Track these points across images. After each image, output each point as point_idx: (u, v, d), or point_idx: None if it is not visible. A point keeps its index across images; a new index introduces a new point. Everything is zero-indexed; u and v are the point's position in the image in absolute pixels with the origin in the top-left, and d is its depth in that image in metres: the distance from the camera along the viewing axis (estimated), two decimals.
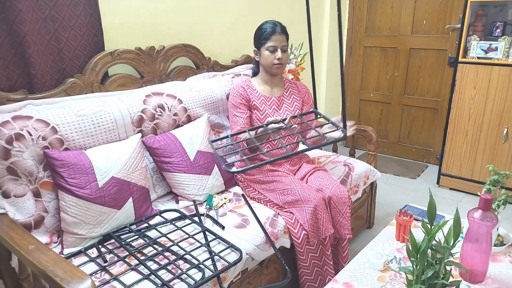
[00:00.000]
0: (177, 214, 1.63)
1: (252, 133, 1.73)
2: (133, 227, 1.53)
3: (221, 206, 1.73)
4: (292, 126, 1.71)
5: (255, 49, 1.90)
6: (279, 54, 1.82)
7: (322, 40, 3.43)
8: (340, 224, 1.73)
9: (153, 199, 1.74)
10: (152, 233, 1.50)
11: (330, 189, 1.74)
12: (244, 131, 1.72)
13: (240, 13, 2.54)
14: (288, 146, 1.89)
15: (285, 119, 1.60)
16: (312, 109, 1.89)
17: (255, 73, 2.01)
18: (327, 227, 1.66)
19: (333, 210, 1.73)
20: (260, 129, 1.72)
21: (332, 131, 1.62)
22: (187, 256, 1.35)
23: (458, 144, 2.81)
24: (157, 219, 1.60)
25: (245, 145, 1.80)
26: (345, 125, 1.50)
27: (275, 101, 1.90)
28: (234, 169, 1.93)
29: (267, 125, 1.66)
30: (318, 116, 1.78)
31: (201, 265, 1.31)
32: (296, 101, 1.95)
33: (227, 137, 1.69)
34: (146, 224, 1.55)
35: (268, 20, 1.88)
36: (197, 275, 1.27)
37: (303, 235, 1.61)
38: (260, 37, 1.84)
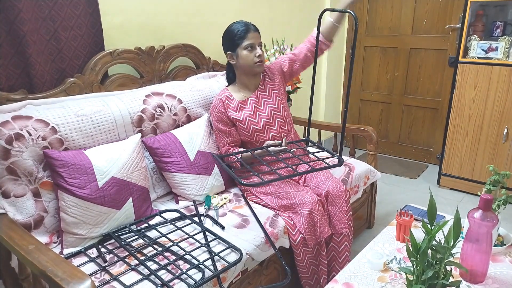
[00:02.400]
0: (177, 214, 1.63)
1: (254, 151, 1.77)
2: (133, 227, 1.52)
3: (221, 206, 1.73)
4: (292, 150, 1.77)
5: (229, 52, 1.81)
6: (258, 51, 1.77)
7: None
8: (336, 218, 1.72)
9: (153, 199, 1.74)
10: (152, 233, 1.49)
11: (327, 184, 1.74)
12: (247, 151, 1.77)
13: (240, 12, 2.54)
14: (294, 166, 1.85)
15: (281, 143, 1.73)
16: (304, 138, 1.94)
17: (230, 80, 1.92)
18: (324, 229, 1.65)
19: (330, 204, 1.73)
20: (260, 151, 1.77)
21: (329, 157, 1.74)
22: (187, 256, 1.35)
23: (459, 144, 2.81)
24: (157, 219, 1.60)
25: (238, 165, 1.79)
26: (341, 153, 1.59)
27: (254, 100, 1.86)
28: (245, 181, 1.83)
29: (267, 147, 1.72)
30: (311, 144, 1.86)
31: (201, 265, 1.30)
32: (274, 90, 1.90)
33: (231, 154, 1.76)
34: (146, 224, 1.55)
35: (235, 21, 1.81)
36: (197, 275, 1.27)
37: (300, 238, 1.60)
38: (234, 37, 1.76)
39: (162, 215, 1.62)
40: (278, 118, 1.88)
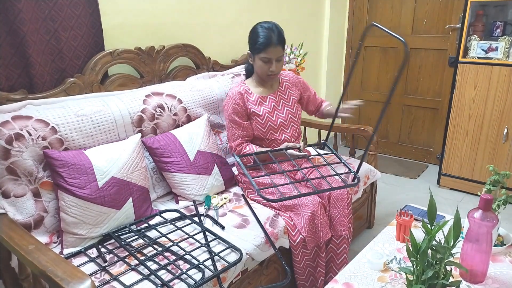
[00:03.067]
0: (177, 214, 1.63)
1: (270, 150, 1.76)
2: (133, 227, 1.52)
3: (221, 206, 1.73)
4: (310, 157, 1.78)
5: (249, 52, 1.82)
6: (273, 66, 1.75)
7: (322, 41, 3.43)
8: (337, 220, 1.72)
9: (153, 199, 1.74)
10: (152, 233, 1.49)
11: (329, 185, 1.74)
12: (266, 151, 1.75)
13: (240, 12, 2.54)
14: (313, 180, 1.81)
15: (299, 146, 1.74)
16: (322, 141, 2.01)
17: (249, 73, 1.94)
18: (325, 231, 1.65)
19: (332, 206, 1.73)
20: (277, 153, 1.76)
21: (345, 173, 1.77)
22: (187, 256, 1.35)
23: (459, 144, 2.81)
24: (157, 219, 1.60)
25: (253, 160, 1.78)
26: (358, 169, 1.71)
27: (273, 99, 1.88)
28: (272, 197, 1.72)
29: (286, 149, 1.72)
30: (327, 150, 1.95)
31: (201, 265, 1.30)
32: (293, 95, 1.95)
33: (251, 154, 1.75)
34: (146, 224, 1.55)
35: (264, 22, 1.76)
36: (197, 275, 1.27)
37: (300, 239, 1.60)
38: (255, 44, 1.74)
39: (162, 215, 1.62)
40: (293, 123, 1.91)
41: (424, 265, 1.04)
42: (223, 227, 1.55)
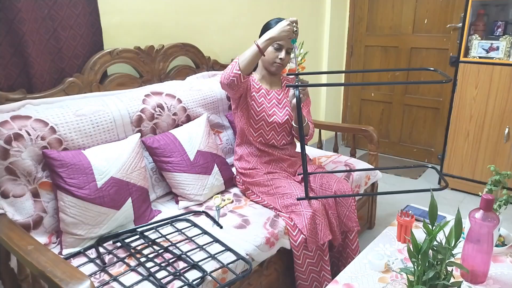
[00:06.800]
0: (181, 217, 1.62)
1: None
2: (133, 227, 1.52)
3: (223, 207, 1.73)
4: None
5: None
6: (282, 54, 1.75)
7: (322, 40, 3.42)
8: (347, 218, 1.74)
9: (153, 200, 1.74)
10: (152, 234, 1.49)
11: (333, 185, 1.74)
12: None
13: (239, 12, 2.53)
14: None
15: None
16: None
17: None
18: (326, 232, 1.63)
19: (339, 205, 1.74)
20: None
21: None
22: (187, 257, 1.34)
23: (460, 144, 2.80)
24: (158, 220, 1.59)
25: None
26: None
27: (275, 96, 1.85)
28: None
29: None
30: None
31: (201, 266, 1.30)
32: None
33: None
34: (146, 225, 1.54)
35: (281, 19, 1.73)
36: (197, 275, 1.26)
37: (301, 239, 1.58)
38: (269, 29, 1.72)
39: (162, 215, 1.61)
40: (287, 126, 1.85)
41: (425, 265, 1.03)
42: (221, 227, 1.55)
